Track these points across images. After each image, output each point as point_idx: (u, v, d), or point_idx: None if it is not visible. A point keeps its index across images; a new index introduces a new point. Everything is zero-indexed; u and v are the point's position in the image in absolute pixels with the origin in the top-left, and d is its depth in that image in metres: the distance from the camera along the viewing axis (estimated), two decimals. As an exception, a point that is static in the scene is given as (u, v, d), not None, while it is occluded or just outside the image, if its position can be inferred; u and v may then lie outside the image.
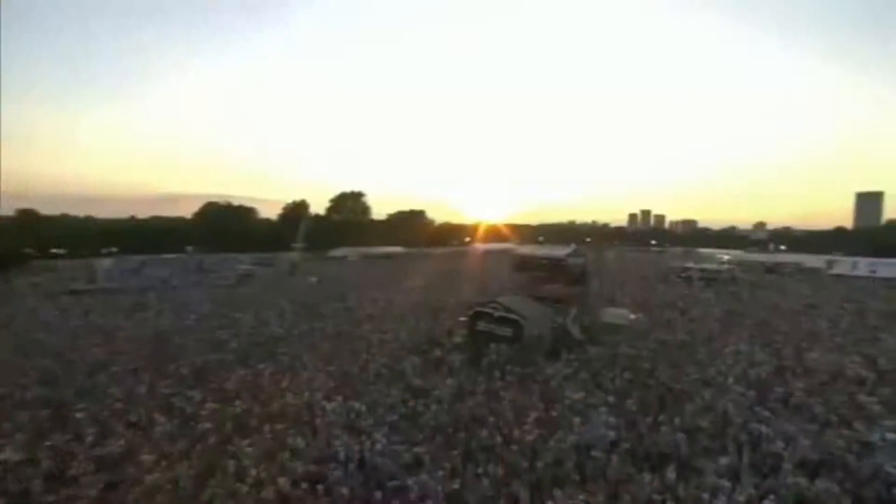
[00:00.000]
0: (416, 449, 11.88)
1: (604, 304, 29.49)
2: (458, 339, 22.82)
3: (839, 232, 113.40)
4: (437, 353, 20.64)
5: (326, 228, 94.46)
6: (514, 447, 11.99)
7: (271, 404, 15.06)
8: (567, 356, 19.85)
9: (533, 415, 13.97)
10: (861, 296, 39.49)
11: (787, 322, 27.59)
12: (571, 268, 25.71)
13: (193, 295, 40.38)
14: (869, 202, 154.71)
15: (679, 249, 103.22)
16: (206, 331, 25.85)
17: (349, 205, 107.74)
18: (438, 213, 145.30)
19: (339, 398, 15.37)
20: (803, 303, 35.11)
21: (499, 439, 12.44)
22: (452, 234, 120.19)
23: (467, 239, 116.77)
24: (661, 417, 13.68)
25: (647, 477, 10.52)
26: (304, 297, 37.56)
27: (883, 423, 13.46)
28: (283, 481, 10.54)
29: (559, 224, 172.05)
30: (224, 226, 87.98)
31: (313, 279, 49.39)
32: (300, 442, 12.38)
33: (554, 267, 25.85)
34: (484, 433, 12.78)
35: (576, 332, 23.54)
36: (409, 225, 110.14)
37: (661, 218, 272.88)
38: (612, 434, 12.61)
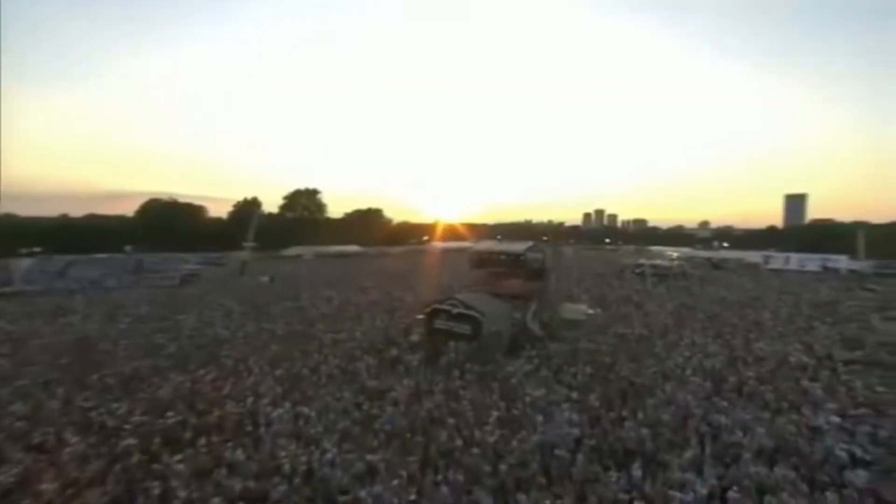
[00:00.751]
0: (370, 457, 10.91)
1: (562, 300, 29.54)
2: (415, 338, 21.97)
3: (772, 230, 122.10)
4: (394, 352, 19.74)
5: (280, 227, 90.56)
6: (476, 450, 11.28)
7: (209, 414, 13.54)
8: (527, 353, 19.59)
9: (494, 414, 13.38)
10: (795, 288, 42.26)
11: (735, 314, 28.77)
12: (530, 263, 25.44)
13: (130, 296, 36.96)
14: (795, 203, 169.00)
15: (631, 247, 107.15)
16: (141, 335, 23.44)
17: (303, 202, 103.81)
18: (396, 213, 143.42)
19: (287, 404, 14.12)
20: (747, 296, 36.95)
21: (459, 442, 11.71)
22: (410, 233, 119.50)
23: (425, 238, 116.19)
24: (625, 412, 13.48)
25: (613, 475, 10.14)
26: (254, 297, 35.35)
27: (826, 406, 13.99)
28: (216, 502, 9.28)
29: (516, 223, 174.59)
30: (169, 224, 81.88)
31: (265, 278, 46.82)
32: (240, 455, 11.08)
33: (512, 262, 25.49)
34: (443, 436, 12.01)
35: (535, 328, 23.29)
36: (365, 223, 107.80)
37: (613, 217, 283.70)
38: (576, 431, 12.23)
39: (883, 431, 12.29)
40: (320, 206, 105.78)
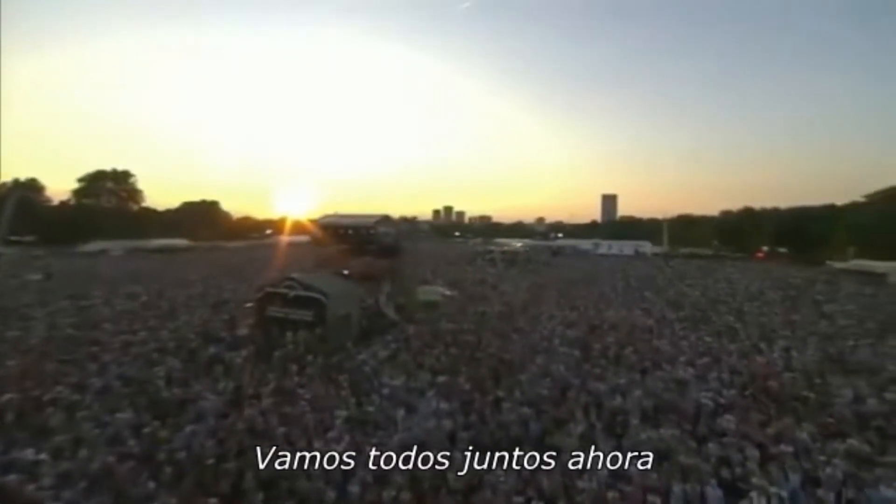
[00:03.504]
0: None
1: (418, 282, 27.81)
2: (244, 331, 17.80)
3: (594, 224, 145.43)
4: (211, 350, 15.33)
5: (73, 217, 69.91)
6: (315, 470, 7.95)
7: None
8: (382, 338, 17.03)
9: (342, 415, 10.21)
10: (620, 267, 49.64)
11: (581, 290, 31.33)
12: (382, 238, 22.82)
13: None
14: (609, 202, 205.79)
15: (479, 240, 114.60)
16: None
17: (109, 187, 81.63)
18: (238, 206, 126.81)
19: (24, 434, 8.57)
20: (586, 274, 41.37)
21: (289, 462, 8.17)
22: (254, 228, 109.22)
23: (269, 231, 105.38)
24: (500, 392, 11.74)
25: (500, 474, 7.98)
26: (7, 300, 24.71)
27: (679, 360, 14.80)
28: None
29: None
30: None
31: (36, 276, 34.43)
32: None
33: (362, 237, 22.48)
34: (267, 456, 8.31)
35: (390, 311, 20.78)
36: (198, 216, 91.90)
37: (461, 214, 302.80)
38: (447, 423, 9.87)
39: (724, 375, 13.28)
40: (135, 193, 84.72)
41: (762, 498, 7.17)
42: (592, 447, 8.79)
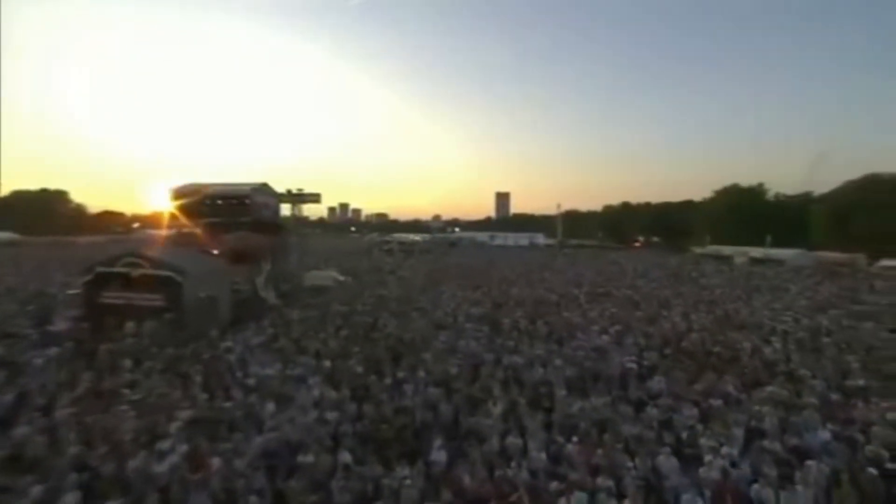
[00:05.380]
0: None
1: (307, 268, 24.59)
2: (63, 325, 13.78)
3: (488, 220, 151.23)
4: None
5: None
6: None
7: None
8: (258, 324, 14.19)
9: (184, 416, 7.23)
10: (519, 255, 52.34)
11: (482, 273, 30.85)
12: (260, 210, 19.19)
13: None
14: (503, 199, 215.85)
15: (376, 234, 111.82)
16: None
17: None
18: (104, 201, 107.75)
19: None
20: (486, 262, 41.31)
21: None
22: (115, 222, 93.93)
23: (136, 225, 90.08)
24: (401, 373, 9.63)
25: (403, 473, 5.83)
26: None
27: (592, 329, 14.11)
28: None
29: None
30: None
31: None
32: None
33: (236, 209, 18.65)
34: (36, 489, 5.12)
35: (270, 296, 17.46)
36: (37, 207, 75.28)
37: (357, 211, 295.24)
38: (330, 416, 7.47)
39: (640, 340, 12.89)
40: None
41: (717, 459, 6.11)
42: (518, 427, 7.13)
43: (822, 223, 52.22)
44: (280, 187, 23.79)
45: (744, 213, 60.56)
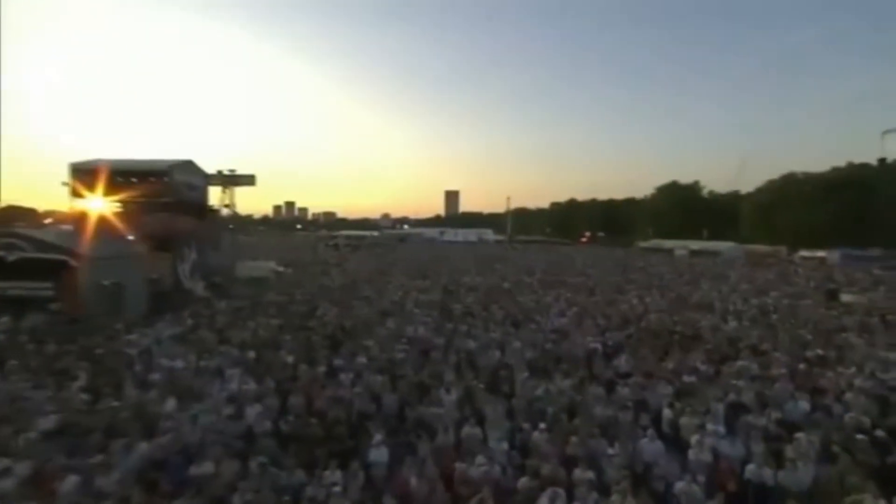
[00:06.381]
0: None
1: (240, 258, 22.41)
2: None
3: (438, 218, 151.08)
4: None
5: None
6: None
7: None
8: (177, 316, 12.35)
9: (43, 426, 5.53)
10: (469, 249, 52.11)
11: (433, 264, 30.07)
12: (183, 188, 16.91)
13: None
14: (452, 197, 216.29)
15: (323, 231, 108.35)
16: None
17: None
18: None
19: None
20: (436, 254, 40.64)
21: None
22: (22, 217, 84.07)
23: (49, 220, 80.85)
24: (338, 361, 8.28)
25: (333, 478, 4.54)
26: None
27: (550, 312, 13.60)
28: None
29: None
30: None
31: None
32: None
33: (153, 186, 16.26)
34: None
35: (198, 287, 15.43)
36: None
37: (304, 210, 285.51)
38: (252, 411, 6.02)
39: (601, 321, 12.34)
40: None
41: (705, 438, 5.32)
42: (476, 415, 6.03)
43: (749, 218, 56.20)
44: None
45: (683, 209, 63.97)
